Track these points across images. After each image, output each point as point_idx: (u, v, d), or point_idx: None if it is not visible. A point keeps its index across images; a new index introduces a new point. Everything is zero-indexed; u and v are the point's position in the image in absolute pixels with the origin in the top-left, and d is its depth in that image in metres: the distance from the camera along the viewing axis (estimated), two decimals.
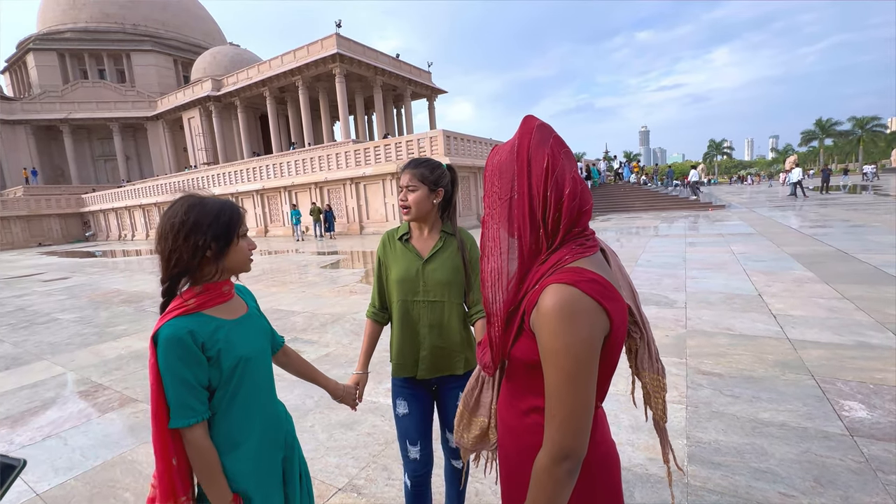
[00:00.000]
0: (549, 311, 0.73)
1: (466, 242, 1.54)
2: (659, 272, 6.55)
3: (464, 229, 1.60)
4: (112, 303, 7.49)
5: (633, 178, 25.59)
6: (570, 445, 0.74)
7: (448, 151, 16.58)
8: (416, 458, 1.52)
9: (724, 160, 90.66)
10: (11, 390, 3.73)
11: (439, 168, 1.50)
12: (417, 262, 1.50)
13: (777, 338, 3.63)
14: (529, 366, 0.83)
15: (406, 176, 1.47)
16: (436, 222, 1.54)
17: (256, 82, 30.26)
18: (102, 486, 2.28)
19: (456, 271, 1.49)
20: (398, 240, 1.55)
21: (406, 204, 1.47)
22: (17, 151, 38.02)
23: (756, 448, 2.17)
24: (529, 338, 0.81)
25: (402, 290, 1.50)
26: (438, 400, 1.59)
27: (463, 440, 1.14)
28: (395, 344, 1.55)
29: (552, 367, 0.74)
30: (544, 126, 0.84)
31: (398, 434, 1.56)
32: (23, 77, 43.55)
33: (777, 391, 2.74)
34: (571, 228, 0.81)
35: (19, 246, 30.74)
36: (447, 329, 1.49)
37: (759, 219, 13.38)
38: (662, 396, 0.93)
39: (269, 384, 1.19)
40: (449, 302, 1.49)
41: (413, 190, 1.46)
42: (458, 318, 1.52)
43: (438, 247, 1.51)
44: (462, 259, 1.51)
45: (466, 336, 1.55)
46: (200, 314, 1.04)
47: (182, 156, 39.41)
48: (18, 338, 5.52)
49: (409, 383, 1.55)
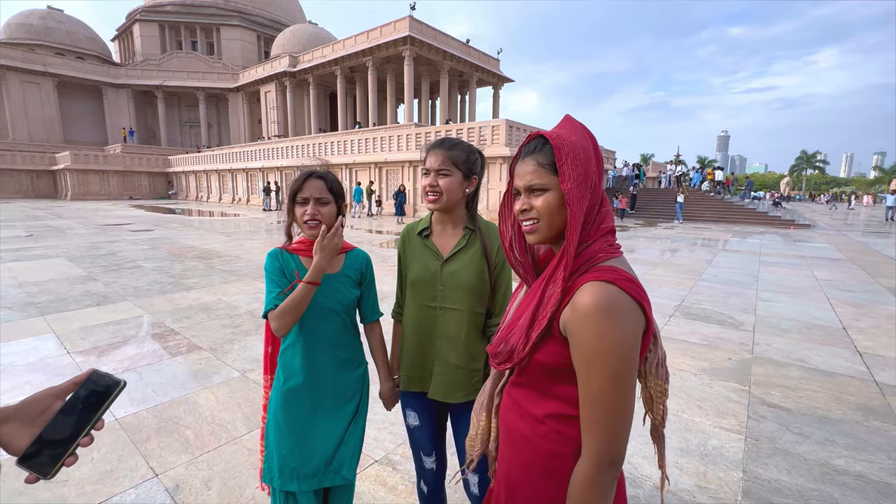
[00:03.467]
0: (592, 309, 0.70)
1: (494, 240, 1.31)
2: (725, 289, 6.06)
3: (492, 224, 1.36)
4: (186, 257, 8.21)
5: (707, 186, 23.71)
6: (616, 452, 0.71)
7: (509, 142, 16.26)
8: (432, 469, 1.41)
9: (815, 175, 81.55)
10: (101, 324, 4.22)
11: (474, 152, 1.31)
12: (436, 262, 1.31)
13: (862, 378, 3.24)
14: (553, 370, 0.79)
15: (437, 157, 1.25)
16: (462, 216, 1.34)
17: (329, 61, 31.32)
18: (168, 420, 2.52)
19: (480, 275, 1.28)
20: (417, 235, 1.37)
21: (437, 190, 1.25)
22: (118, 112, 42.42)
23: (824, 496, 1.96)
24: (558, 340, 0.77)
25: (417, 294, 1.34)
26: (452, 418, 1.41)
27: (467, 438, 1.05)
28: (406, 354, 1.39)
29: (596, 370, 0.70)
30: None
31: (410, 443, 1.44)
32: (129, 45, 48.20)
33: (857, 437, 2.45)
34: (602, 224, 0.80)
35: (114, 197, 34.46)
36: (466, 343, 1.29)
37: (850, 243, 11.95)
38: (664, 402, 0.88)
39: (331, 341, 1.32)
40: (470, 311, 1.28)
41: (446, 174, 1.25)
42: (478, 330, 1.31)
43: (461, 245, 1.30)
44: (485, 257, 1.28)
45: (484, 352, 1.30)
46: (293, 255, 1.31)
47: (257, 127, 41.98)
48: (109, 279, 6.21)
49: (420, 396, 1.39)
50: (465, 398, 1.30)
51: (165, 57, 42.51)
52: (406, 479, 2.04)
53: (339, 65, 31.17)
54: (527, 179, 0.80)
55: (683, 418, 2.64)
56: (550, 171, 0.78)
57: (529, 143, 0.83)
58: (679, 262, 8.40)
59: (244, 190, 29.86)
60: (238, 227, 14.46)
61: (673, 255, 9.35)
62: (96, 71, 40.81)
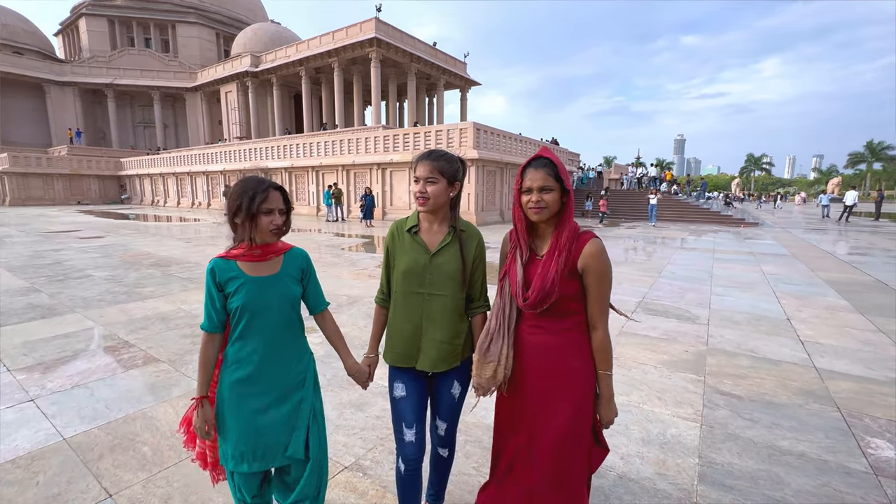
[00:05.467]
0: (598, 252, 1.31)
1: (472, 238, 1.56)
2: (683, 286, 6.37)
3: (471, 224, 1.61)
4: (142, 265, 7.79)
5: (665, 187, 24.85)
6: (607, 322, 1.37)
7: (477, 144, 16.44)
8: (412, 441, 1.54)
9: (763, 176, 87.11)
10: (46, 338, 3.94)
11: (457, 162, 1.53)
12: (425, 255, 1.51)
13: (803, 365, 3.50)
14: (571, 297, 1.34)
15: (426, 167, 1.47)
16: (446, 216, 1.56)
17: (293, 61, 30.59)
18: (123, 437, 2.39)
19: (460, 267, 1.52)
20: (406, 231, 1.56)
21: (426, 195, 1.47)
22: (63, 112, 39.67)
23: (771, 476, 2.11)
24: (574, 277, 1.33)
25: (407, 282, 1.53)
26: (432, 388, 1.62)
27: (480, 379, 1.43)
28: (395, 334, 1.57)
29: (605, 282, 1.32)
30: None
31: (393, 417, 1.59)
32: (74, 41, 45.20)
33: (799, 420, 2.64)
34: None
35: (60, 203, 32.22)
36: (448, 322, 1.52)
37: (794, 240, 12.85)
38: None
39: (277, 338, 1.43)
40: (452, 296, 1.52)
41: (433, 182, 1.47)
42: (458, 313, 1.55)
43: (447, 241, 1.52)
44: (461, 255, 1.52)
45: (464, 329, 1.57)
46: (230, 261, 1.38)
47: (217, 128, 40.35)
48: (54, 289, 5.81)
49: (408, 371, 1.58)
50: (447, 367, 1.55)
51: (116, 54, 40.12)
52: (377, 484, 2.03)
53: (303, 65, 30.50)
54: (540, 182, 1.31)
55: (644, 410, 2.76)
56: (554, 179, 1.31)
57: (539, 159, 1.34)
58: (640, 261, 8.77)
59: (204, 194, 28.65)
60: (198, 233, 13.86)
61: (635, 254, 9.75)
62: (37, 67, 38.03)
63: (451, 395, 1.59)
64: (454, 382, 1.59)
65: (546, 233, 1.39)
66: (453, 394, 1.59)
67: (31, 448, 2.28)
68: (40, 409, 2.69)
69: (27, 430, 2.45)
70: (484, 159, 16.75)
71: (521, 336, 1.43)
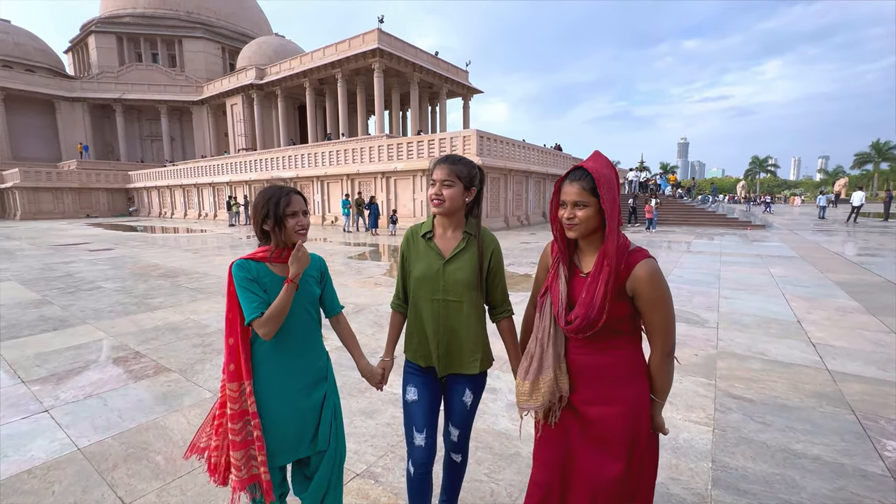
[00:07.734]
0: (651, 275, 1.18)
1: (488, 246, 1.54)
2: (690, 289, 6.34)
3: (487, 231, 1.59)
4: (151, 276, 7.87)
5: (669, 191, 24.79)
6: (671, 345, 1.24)
7: (480, 151, 16.52)
8: (421, 445, 1.54)
9: (768, 178, 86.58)
10: (58, 350, 3.99)
11: (475, 168, 1.53)
12: (439, 261, 1.51)
13: (815, 367, 3.46)
14: (620, 319, 1.23)
15: (443, 171, 1.48)
16: (461, 222, 1.55)
17: (298, 73, 31.02)
18: (136, 447, 2.41)
19: (476, 273, 1.50)
20: (421, 237, 1.56)
21: (442, 198, 1.47)
22: (73, 127, 40.39)
23: (786, 479, 2.08)
24: (624, 300, 1.21)
25: (421, 288, 1.53)
26: (446, 393, 1.62)
27: (531, 404, 1.33)
28: (415, 338, 1.58)
29: (661, 307, 1.19)
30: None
31: (405, 421, 1.60)
32: (83, 57, 46.15)
33: (813, 423, 2.61)
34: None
35: (69, 216, 32.65)
36: (464, 329, 1.51)
37: (802, 242, 12.74)
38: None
39: (301, 335, 1.49)
40: (468, 302, 1.50)
41: (449, 185, 1.47)
42: (476, 319, 1.53)
43: (461, 247, 1.51)
44: (477, 261, 1.50)
45: (482, 337, 1.56)
46: (260, 263, 1.43)
47: (223, 140, 40.88)
48: (66, 301, 5.88)
49: (422, 371, 1.59)
50: (462, 371, 1.55)
51: (124, 69, 40.92)
52: (388, 491, 2.03)
53: (307, 77, 30.90)
54: (573, 197, 1.21)
55: None
56: (590, 194, 1.19)
57: (576, 171, 1.22)
58: None
59: (211, 205, 28.93)
60: (205, 244, 13.99)
61: None
62: (48, 84, 38.84)
63: (462, 402, 1.58)
64: (466, 390, 1.57)
65: (589, 248, 1.29)
66: (465, 402, 1.58)
67: (47, 458, 2.30)
68: (55, 419, 2.72)
69: (42, 440, 2.48)
70: (487, 166, 16.81)
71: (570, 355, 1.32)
